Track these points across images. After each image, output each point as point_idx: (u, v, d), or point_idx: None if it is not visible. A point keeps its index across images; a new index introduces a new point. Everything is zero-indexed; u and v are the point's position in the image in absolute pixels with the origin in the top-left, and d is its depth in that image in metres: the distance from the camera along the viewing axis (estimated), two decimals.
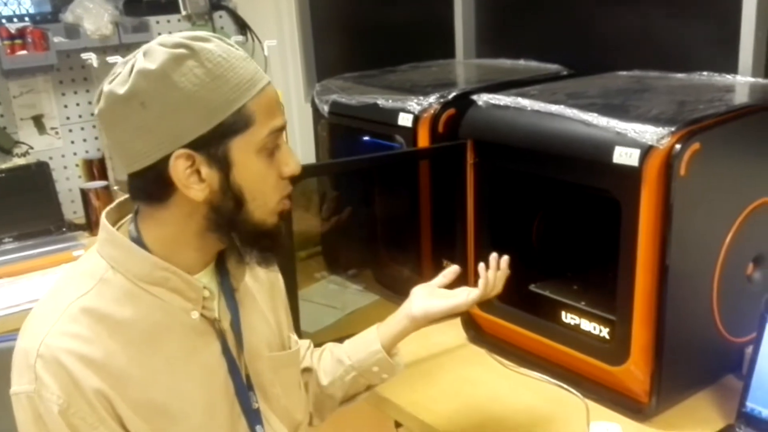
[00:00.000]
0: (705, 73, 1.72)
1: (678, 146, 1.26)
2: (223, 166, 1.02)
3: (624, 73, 1.84)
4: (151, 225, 1.08)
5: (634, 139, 1.28)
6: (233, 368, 1.15)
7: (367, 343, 1.39)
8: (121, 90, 0.98)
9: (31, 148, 2.88)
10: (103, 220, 1.10)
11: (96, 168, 2.91)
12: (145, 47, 1.01)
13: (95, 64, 2.75)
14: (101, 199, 2.70)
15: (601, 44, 2.11)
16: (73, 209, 2.93)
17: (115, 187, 2.80)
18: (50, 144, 2.95)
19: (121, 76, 1.00)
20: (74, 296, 1.05)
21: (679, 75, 1.73)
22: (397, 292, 1.90)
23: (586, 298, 1.61)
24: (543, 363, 1.60)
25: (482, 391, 1.56)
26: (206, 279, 1.13)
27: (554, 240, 1.77)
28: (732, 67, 1.75)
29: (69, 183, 2.98)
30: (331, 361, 1.40)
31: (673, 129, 1.27)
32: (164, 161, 1.00)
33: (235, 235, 1.08)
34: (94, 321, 1.04)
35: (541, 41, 2.26)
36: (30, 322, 1.07)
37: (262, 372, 1.20)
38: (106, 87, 1.01)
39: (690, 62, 1.82)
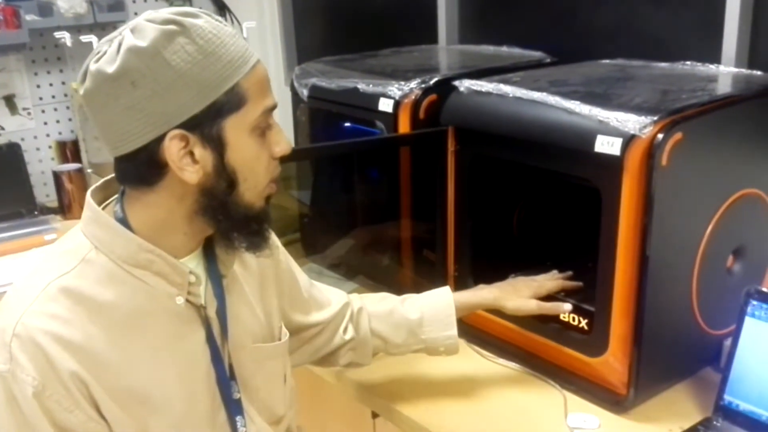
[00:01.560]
0: (688, 62, 1.72)
1: (660, 136, 1.26)
2: (217, 146, 1.01)
3: (607, 61, 1.84)
4: (138, 207, 1.06)
5: (616, 128, 1.28)
6: (216, 357, 1.14)
7: (445, 324, 1.45)
8: (110, 69, 0.96)
9: (2, 128, 2.84)
10: (89, 198, 1.08)
11: (69, 150, 2.87)
12: (132, 23, 0.99)
13: (69, 43, 2.70)
14: (74, 182, 2.67)
15: (585, 32, 2.11)
16: (45, 192, 2.90)
17: (89, 170, 2.76)
18: (22, 125, 2.90)
19: (108, 54, 0.97)
20: (54, 275, 1.03)
21: (662, 64, 1.73)
22: (376, 281, 1.90)
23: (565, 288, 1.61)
24: (521, 354, 1.60)
25: (460, 381, 1.56)
26: (193, 264, 1.11)
27: (534, 229, 1.77)
28: (715, 57, 1.75)
29: (41, 165, 2.94)
30: (398, 329, 1.45)
31: (655, 118, 1.26)
32: (156, 143, 0.98)
33: (223, 219, 1.06)
34: (73, 302, 1.02)
35: (524, 28, 2.25)
36: (7, 300, 1.05)
37: (244, 363, 1.19)
38: (92, 66, 0.98)
39: (673, 51, 1.82)
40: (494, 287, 1.52)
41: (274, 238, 1.29)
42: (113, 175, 1.09)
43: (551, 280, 1.55)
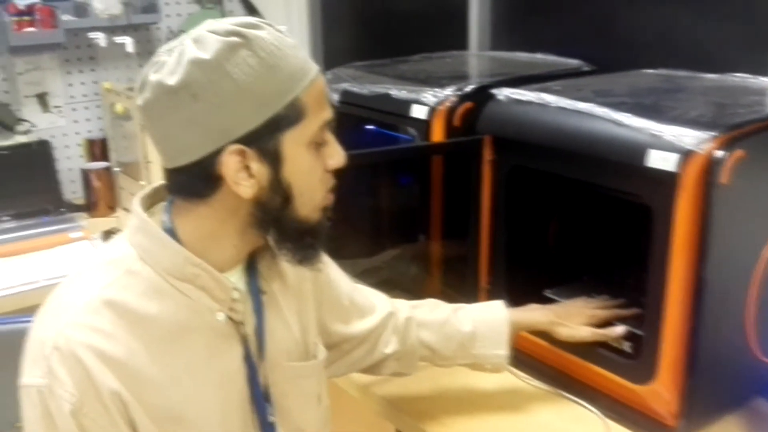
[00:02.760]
0: (738, 74, 1.57)
1: (720, 152, 1.12)
2: (274, 161, 0.95)
3: (650, 71, 1.70)
4: (188, 218, 0.99)
5: (671, 143, 1.14)
6: (253, 376, 1.06)
7: (497, 342, 1.35)
8: (172, 80, 0.90)
9: (34, 126, 2.77)
10: (137, 206, 1.02)
11: (98, 149, 2.81)
12: (193, 34, 0.93)
13: (103, 43, 2.65)
14: (102, 180, 2.64)
15: (624, 40, 1.96)
16: (72, 189, 2.82)
17: (117, 169, 2.70)
18: (53, 122, 2.83)
19: (169, 65, 0.91)
20: (98, 286, 0.96)
21: (710, 75, 1.59)
22: (403, 291, 1.77)
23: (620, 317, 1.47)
24: (558, 376, 1.46)
25: (494, 403, 1.42)
26: (235, 278, 1.04)
27: (570, 243, 1.63)
28: (763, 70, 1.61)
29: (70, 162, 2.86)
30: (449, 341, 1.34)
31: (714, 133, 1.13)
32: (213, 156, 0.93)
33: (275, 233, 1.01)
34: (117, 315, 0.95)
35: (558, 35, 2.11)
36: (48, 310, 0.98)
37: (277, 382, 1.10)
38: (152, 77, 0.92)
39: (718, 63, 1.67)
40: (548, 310, 1.41)
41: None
42: (160, 183, 1.03)
43: (605, 309, 1.42)
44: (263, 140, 0.93)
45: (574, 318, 1.38)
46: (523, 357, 1.50)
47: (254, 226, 0.99)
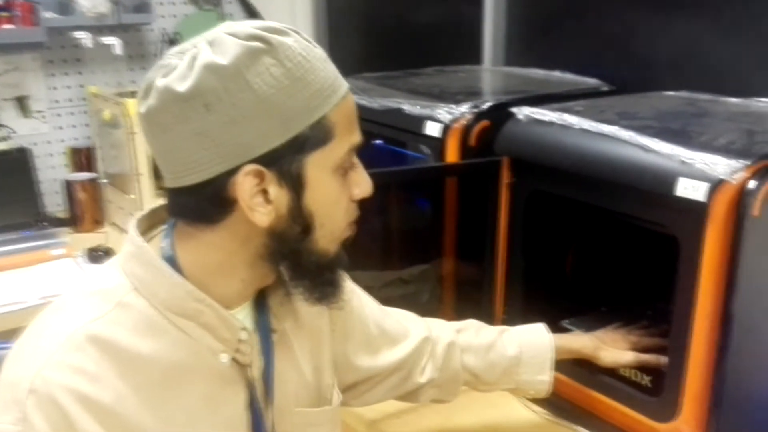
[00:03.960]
0: (764, 99, 1.62)
1: (753, 182, 1.16)
2: (296, 186, 0.90)
3: (672, 93, 1.75)
4: (193, 246, 0.94)
5: (702, 171, 1.18)
6: (258, 425, 1.01)
7: (542, 367, 1.36)
8: (182, 87, 0.85)
9: (13, 132, 2.77)
10: (132, 229, 0.97)
11: (84, 158, 2.81)
12: (210, 35, 0.88)
13: (89, 44, 2.65)
14: (87, 193, 2.62)
15: (641, 60, 2.01)
16: (56, 201, 2.82)
17: (104, 180, 2.69)
18: (35, 128, 2.84)
19: (179, 69, 0.86)
20: (83, 320, 0.90)
21: (734, 100, 1.64)
22: None
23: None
24: (576, 411, 1.49)
25: None
26: (242, 315, 0.99)
27: (590, 272, 1.67)
28: None
29: (53, 172, 2.86)
30: (494, 366, 1.35)
31: (748, 162, 1.16)
32: (226, 176, 0.88)
33: (291, 267, 0.96)
34: (103, 353, 0.89)
35: (575, 52, 2.16)
36: (23, 346, 0.91)
37: (286, 430, 1.06)
38: (159, 81, 0.87)
39: (740, 86, 1.72)
40: (593, 336, 1.45)
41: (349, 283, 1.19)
42: (160, 203, 0.99)
43: (647, 338, 1.46)
44: (285, 162, 0.88)
45: (618, 343, 1.42)
46: None
47: (267, 259, 0.94)
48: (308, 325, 1.11)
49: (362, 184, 0.97)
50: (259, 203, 0.89)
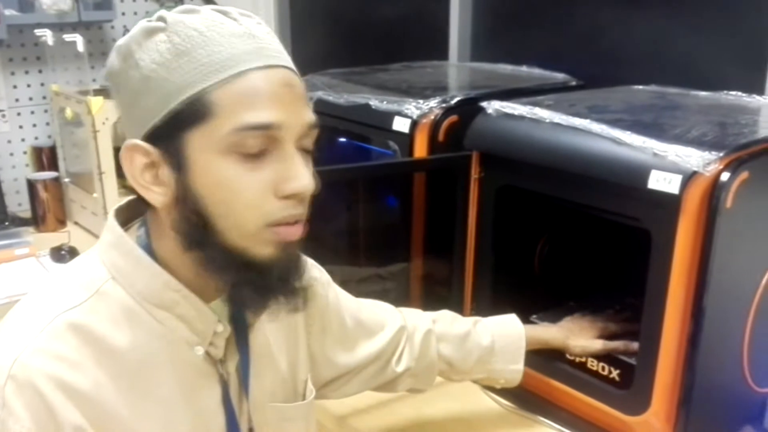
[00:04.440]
0: (732, 92, 1.61)
1: (726, 174, 1.14)
2: (180, 165, 0.86)
3: (641, 87, 1.74)
4: (162, 233, 0.92)
5: (675, 163, 1.16)
6: (232, 420, 0.99)
7: (514, 357, 1.37)
8: (107, 69, 0.91)
9: None
10: (111, 219, 0.95)
11: (46, 157, 2.75)
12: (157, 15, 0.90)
13: (50, 41, 2.56)
14: (50, 192, 2.57)
15: (610, 54, 2.01)
16: (18, 201, 2.77)
17: (66, 179, 2.64)
18: None
19: None
20: (62, 308, 0.88)
21: (703, 93, 1.63)
22: None
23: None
24: (546, 405, 1.47)
25: None
26: (219, 309, 0.97)
27: (557, 266, 1.66)
28: (758, 88, 1.66)
29: (15, 172, 2.81)
30: (469, 355, 1.35)
31: (720, 154, 1.15)
32: None
33: (201, 260, 0.89)
34: (82, 341, 0.87)
35: (542, 47, 2.15)
36: (1, 334, 0.90)
37: (260, 425, 1.05)
38: None
39: (709, 80, 1.72)
40: (562, 326, 1.47)
41: (321, 276, 1.20)
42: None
43: (614, 323, 1.48)
44: (166, 139, 0.86)
45: (586, 332, 1.44)
46: None
47: (185, 248, 0.90)
48: (284, 320, 1.09)
49: (296, 179, 0.87)
50: (150, 182, 0.88)
